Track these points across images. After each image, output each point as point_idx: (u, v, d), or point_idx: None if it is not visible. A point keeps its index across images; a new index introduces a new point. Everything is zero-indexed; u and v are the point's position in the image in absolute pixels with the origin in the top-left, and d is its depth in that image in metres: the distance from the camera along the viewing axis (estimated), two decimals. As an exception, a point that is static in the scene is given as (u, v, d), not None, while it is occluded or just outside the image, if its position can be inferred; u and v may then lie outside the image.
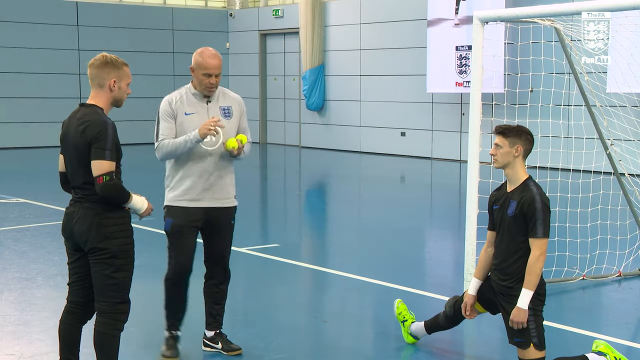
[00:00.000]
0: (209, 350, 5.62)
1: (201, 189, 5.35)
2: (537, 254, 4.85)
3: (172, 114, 5.31)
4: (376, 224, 10.85)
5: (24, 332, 6.00)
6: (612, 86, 9.36)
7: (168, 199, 5.41)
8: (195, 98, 5.38)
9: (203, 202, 5.37)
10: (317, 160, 19.50)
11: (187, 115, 5.32)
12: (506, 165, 5.01)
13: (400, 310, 5.84)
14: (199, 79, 5.31)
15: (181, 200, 5.36)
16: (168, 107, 5.32)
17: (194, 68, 5.33)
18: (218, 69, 5.30)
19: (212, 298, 5.59)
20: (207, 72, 5.28)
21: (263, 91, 23.03)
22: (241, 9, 23.55)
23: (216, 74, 5.29)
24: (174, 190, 5.38)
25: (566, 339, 5.94)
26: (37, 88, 20.75)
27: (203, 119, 5.28)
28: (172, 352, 5.44)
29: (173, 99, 5.35)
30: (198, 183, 5.34)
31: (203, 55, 5.32)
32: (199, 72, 5.30)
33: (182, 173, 5.35)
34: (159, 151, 5.30)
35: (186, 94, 5.39)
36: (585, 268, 7.64)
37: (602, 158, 8.09)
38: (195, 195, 5.35)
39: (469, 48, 16.57)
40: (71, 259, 4.64)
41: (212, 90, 5.35)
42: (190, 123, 5.28)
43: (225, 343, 5.58)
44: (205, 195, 5.37)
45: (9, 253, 8.70)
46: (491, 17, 7.06)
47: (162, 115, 5.32)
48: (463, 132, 17.62)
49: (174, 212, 5.37)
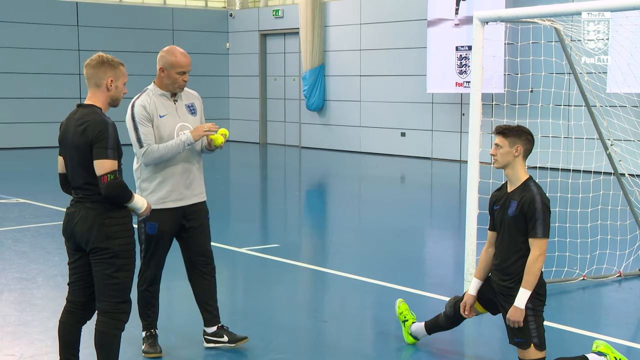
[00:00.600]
0: (213, 345, 5.65)
1: (183, 187, 5.43)
2: (536, 254, 4.85)
3: (149, 117, 5.33)
4: (376, 224, 10.85)
5: (24, 333, 6.00)
6: (612, 86, 9.36)
7: (150, 202, 5.30)
8: (163, 99, 5.42)
9: (185, 201, 5.46)
10: (317, 161, 19.49)
11: (161, 118, 5.37)
12: (506, 165, 5.02)
13: (401, 310, 5.84)
14: (173, 78, 5.37)
15: (167, 202, 5.39)
16: (144, 111, 5.33)
17: (164, 68, 5.36)
18: (190, 66, 5.43)
19: (205, 295, 5.64)
20: (182, 69, 5.37)
21: (263, 91, 23.02)
22: (241, 9, 23.56)
23: (189, 71, 5.41)
24: (157, 193, 5.39)
25: (566, 339, 5.94)
26: (37, 88, 20.75)
27: (175, 119, 5.39)
28: (155, 349, 5.50)
29: (145, 102, 5.36)
30: (180, 182, 5.41)
31: (175, 54, 5.39)
32: (172, 72, 5.35)
33: (163, 175, 5.38)
34: (147, 156, 5.30)
35: (154, 96, 5.41)
36: (586, 268, 7.64)
37: (602, 158, 8.09)
38: (179, 194, 5.41)
39: (469, 48, 16.58)
40: (72, 259, 4.65)
41: (184, 87, 5.44)
42: (165, 125, 5.36)
43: (230, 335, 5.65)
44: (187, 193, 5.45)
45: (9, 253, 8.70)
46: (491, 17, 7.06)
47: (140, 120, 5.32)
48: (463, 133, 17.62)
49: (159, 215, 5.36)
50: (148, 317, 5.56)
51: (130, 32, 21.91)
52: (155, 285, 5.56)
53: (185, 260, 5.64)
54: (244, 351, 5.63)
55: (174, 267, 6.40)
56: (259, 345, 5.72)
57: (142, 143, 5.29)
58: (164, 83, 5.40)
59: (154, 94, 5.42)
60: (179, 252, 5.65)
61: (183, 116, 5.45)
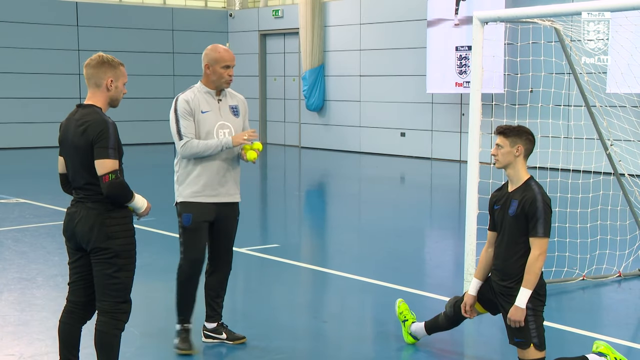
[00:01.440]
0: (211, 341, 5.73)
1: (218, 185, 5.53)
2: (536, 254, 4.85)
3: (191, 112, 5.46)
4: (376, 225, 10.85)
5: (24, 332, 6.00)
6: (612, 86, 9.36)
7: (185, 194, 5.52)
8: (207, 96, 5.53)
9: (218, 198, 5.55)
10: (317, 161, 19.50)
11: (203, 114, 5.49)
12: (507, 165, 5.02)
13: (401, 309, 5.84)
14: (219, 74, 5.47)
15: (201, 195, 5.50)
16: (187, 106, 5.45)
17: (210, 64, 5.48)
18: (234, 60, 5.54)
19: (214, 291, 5.73)
20: (226, 63, 5.48)
21: (263, 91, 23.03)
22: (241, 9, 23.56)
23: (233, 65, 5.52)
24: (192, 186, 5.50)
25: (566, 339, 5.94)
26: (37, 88, 20.74)
27: (216, 117, 5.51)
28: (187, 345, 5.54)
29: (189, 97, 5.48)
30: (215, 178, 5.52)
31: (219, 50, 5.52)
32: (217, 67, 5.47)
33: (199, 170, 5.50)
34: (185, 150, 5.42)
35: (199, 93, 5.53)
36: (585, 268, 7.65)
37: (602, 158, 8.10)
38: (212, 190, 5.52)
39: (469, 48, 16.58)
40: (72, 258, 4.65)
41: (230, 82, 5.53)
42: (206, 120, 5.48)
43: (229, 333, 5.75)
44: (222, 191, 5.55)
45: (9, 253, 8.71)
46: (491, 17, 7.06)
47: (182, 114, 5.44)
48: (463, 133, 17.63)
49: (193, 207, 5.49)
50: (184, 312, 5.61)
51: (129, 32, 21.91)
52: (193, 279, 5.59)
53: (209, 255, 5.72)
54: (243, 351, 5.63)
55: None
56: (258, 346, 5.72)
57: (182, 136, 5.42)
58: (210, 80, 5.52)
59: (199, 91, 5.54)
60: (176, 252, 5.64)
61: (225, 115, 5.56)
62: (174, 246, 5.64)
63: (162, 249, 8.74)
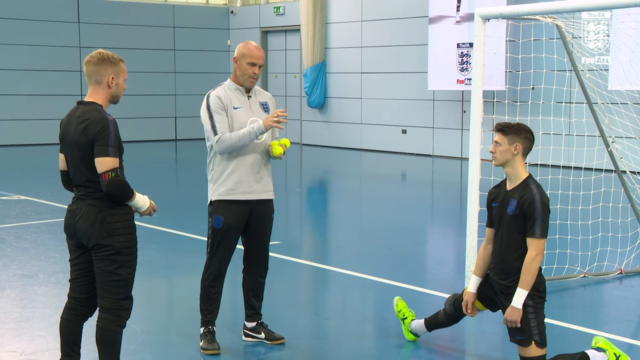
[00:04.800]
0: (250, 340, 5.74)
1: (253, 181, 5.48)
2: (533, 254, 4.84)
3: (224, 107, 5.44)
4: (377, 222, 10.86)
5: (25, 329, 6.01)
6: (614, 83, 9.37)
7: (219, 193, 5.46)
8: (237, 92, 5.52)
9: (254, 195, 5.50)
10: (318, 158, 19.50)
11: (235, 110, 5.47)
12: (505, 163, 5.00)
13: (399, 307, 5.84)
14: (243, 69, 5.46)
15: (235, 193, 5.44)
16: (219, 101, 5.43)
17: (238, 58, 5.48)
18: (262, 59, 5.50)
19: (253, 291, 5.72)
20: (252, 61, 5.45)
21: (264, 88, 22.90)
22: (242, 6, 23.54)
23: (260, 64, 5.47)
24: (226, 184, 5.45)
25: (567, 337, 5.94)
26: (38, 85, 20.74)
27: (248, 114, 5.47)
28: (213, 346, 5.52)
29: (221, 94, 5.46)
30: (250, 174, 5.46)
31: (248, 46, 5.51)
32: (243, 62, 5.45)
33: (233, 166, 5.45)
34: (220, 144, 5.36)
35: (229, 90, 5.52)
36: (587, 265, 7.65)
37: (604, 155, 8.09)
38: (248, 187, 5.46)
39: (471, 45, 16.58)
40: (73, 255, 4.65)
41: (254, 80, 5.50)
42: (239, 117, 5.45)
43: (268, 332, 5.74)
44: (257, 187, 5.51)
45: (11, 250, 8.71)
46: (493, 14, 7.05)
47: (215, 109, 5.41)
48: (464, 130, 17.62)
49: (226, 209, 5.43)
50: (209, 314, 5.58)
51: (131, 29, 21.90)
52: (218, 282, 5.56)
53: (244, 254, 5.69)
54: (245, 348, 5.64)
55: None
56: (259, 344, 5.72)
57: (217, 130, 5.38)
58: (237, 75, 5.51)
59: (229, 87, 5.53)
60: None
61: (256, 112, 5.53)
62: (176, 243, 5.65)
63: (163, 246, 8.74)
